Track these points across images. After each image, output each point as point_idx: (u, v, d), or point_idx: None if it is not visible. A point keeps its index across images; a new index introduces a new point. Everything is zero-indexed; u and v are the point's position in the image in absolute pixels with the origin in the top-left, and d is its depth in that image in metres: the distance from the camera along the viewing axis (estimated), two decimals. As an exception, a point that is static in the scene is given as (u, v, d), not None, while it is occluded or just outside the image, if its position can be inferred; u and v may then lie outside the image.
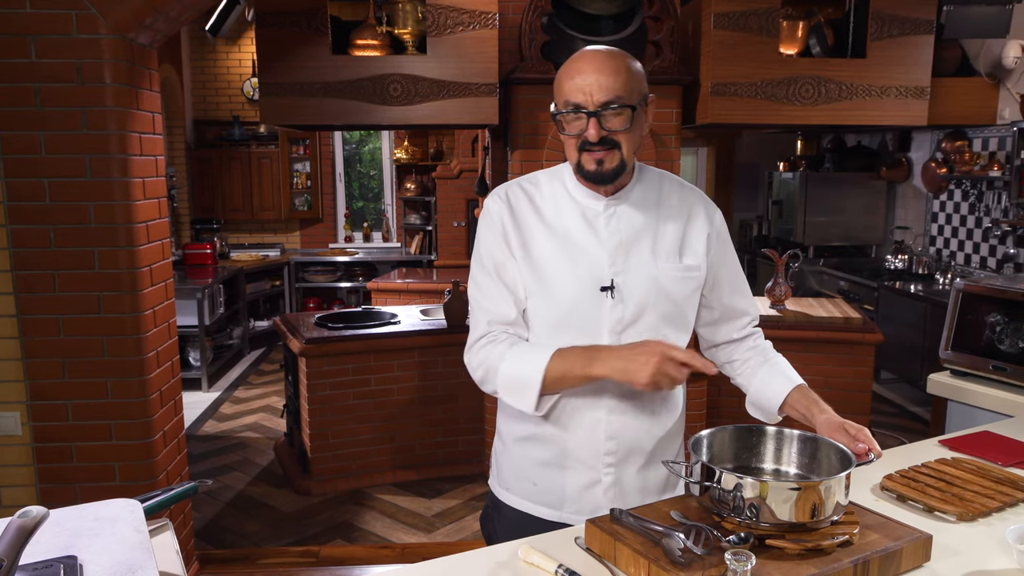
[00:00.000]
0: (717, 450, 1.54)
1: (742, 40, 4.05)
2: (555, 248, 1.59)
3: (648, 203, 1.63)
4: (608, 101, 1.47)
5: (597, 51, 1.53)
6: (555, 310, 1.59)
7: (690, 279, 1.62)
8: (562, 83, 1.53)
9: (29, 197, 2.56)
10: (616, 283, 1.57)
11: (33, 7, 2.46)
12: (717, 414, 4.51)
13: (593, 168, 1.53)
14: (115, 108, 2.55)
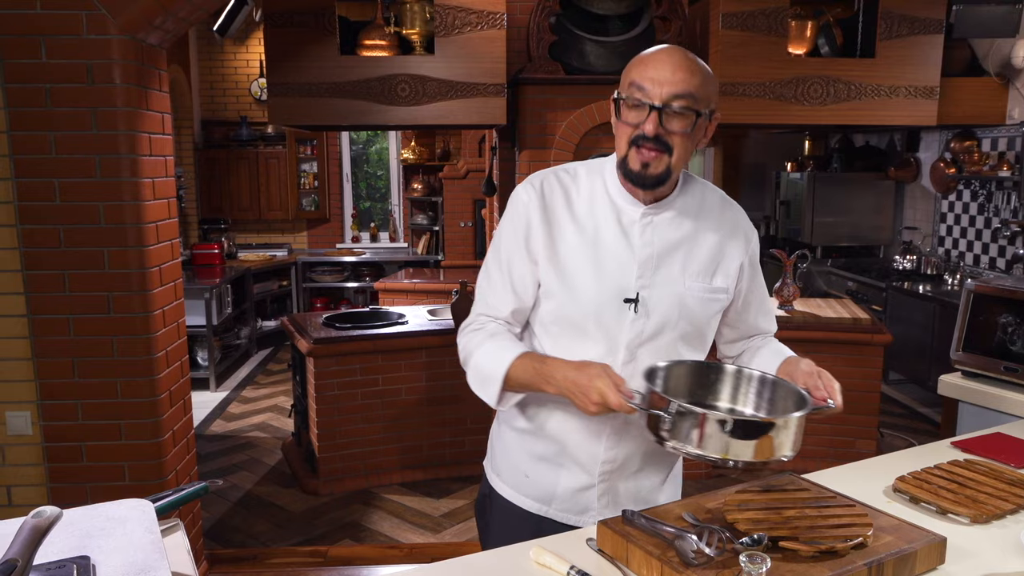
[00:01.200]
0: (673, 383, 1.50)
1: (750, 40, 4.05)
2: (583, 250, 1.54)
3: (687, 217, 1.57)
4: (676, 96, 1.40)
5: (678, 48, 1.47)
6: (575, 314, 1.54)
7: (716, 300, 1.57)
8: (633, 68, 1.46)
9: (39, 197, 2.57)
10: (641, 296, 1.52)
11: (43, 8, 2.47)
12: (725, 415, 4.50)
13: (638, 168, 1.46)
14: (125, 108, 2.56)
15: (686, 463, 1.92)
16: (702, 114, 1.43)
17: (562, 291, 1.54)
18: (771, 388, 1.50)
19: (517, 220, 1.57)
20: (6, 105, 2.51)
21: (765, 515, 1.36)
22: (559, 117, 4.06)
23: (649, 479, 1.65)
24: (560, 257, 1.54)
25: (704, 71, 1.44)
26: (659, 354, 1.54)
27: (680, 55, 1.43)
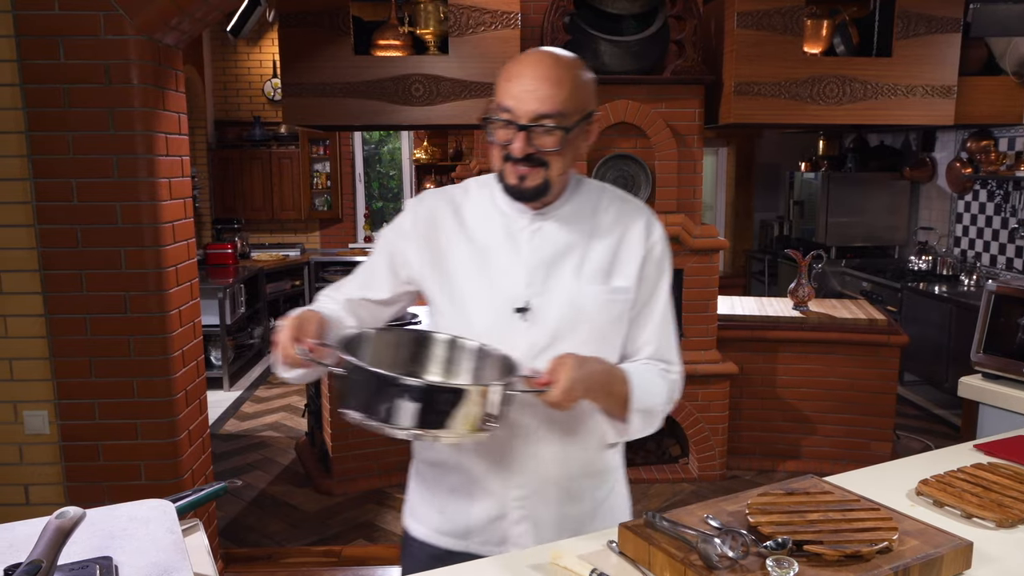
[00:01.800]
0: (379, 353, 1.41)
1: (766, 39, 4.02)
2: (473, 264, 1.48)
3: (580, 219, 1.48)
4: (541, 116, 1.33)
5: (544, 56, 1.38)
6: (468, 330, 1.47)
7: (616, 303, 1.47)
8: (499, 83, 1.39)
9: (57, 197, 2.58)
10: (531, 305, 1.45)
11: (61, 8, 2.48)
12: (739, 415, 4.49)
13: (514, 183, 1.40)
14: (142, 109, 2.56)
15: (696, 474, 1.84)
16: (571, 128, 1.36)
17: (454, 309, 1.49)
18: (486, 360, 1.43)
19: (392, 239, 1.57)
20: (24, 106, 2.52)
21: (788, 518, 1.35)
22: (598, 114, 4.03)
23: (575, 506, 1.54)
24: (450, 274, 1.50)
25: (573, 80, 1.36)
26: None
27: (545, 67, 1.35)
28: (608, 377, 1.38)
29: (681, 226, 4.11)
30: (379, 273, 1.58)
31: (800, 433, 4.53)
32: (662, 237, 1.53)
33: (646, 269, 1.49)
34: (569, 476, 1.52)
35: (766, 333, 4.43)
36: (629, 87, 4.04)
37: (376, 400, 1.21)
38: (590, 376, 1.33)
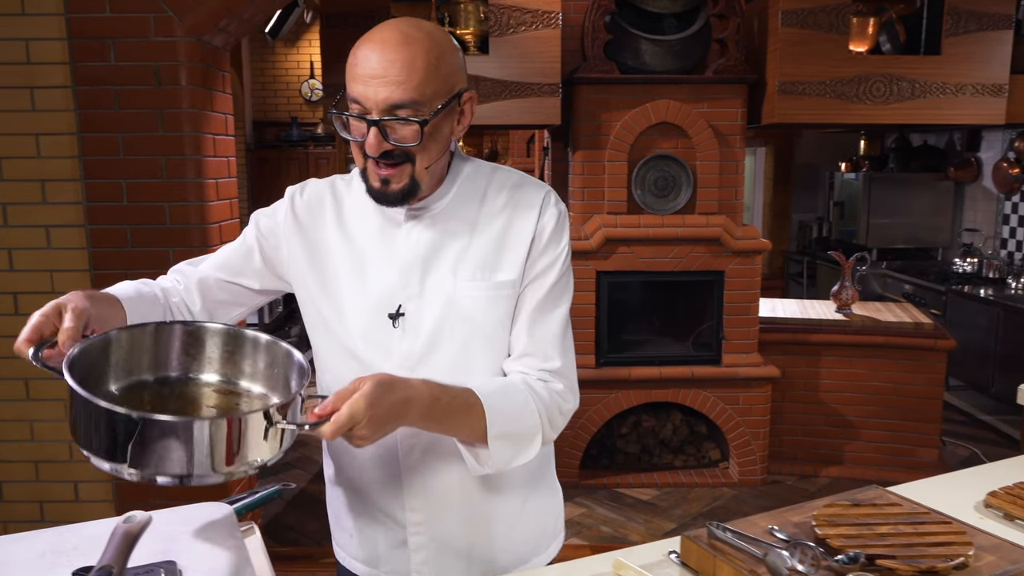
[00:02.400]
0: (136, 349, 1.13)
1: (810, 38, 3.95)
2: (348, 263, 1.31)
3: (464, 207, 1.30)
4: (394, 106, 1.13)
5: (391, 31, 1.15)
6: (343, 337, 1.30)
7: (500, 299, 1.28)
8: (347, 67, 1.18)
9: (107, 198, 2.60)
10: (405, 309, 1.27)
11: (112, 11, 2.50)
12: (781, 420, 4.42)
13: (377, 186, 1.20)
14: (190, 110, 2.58)
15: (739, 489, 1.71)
16: (429, 121, 1.15)
17: (330, 312, 1.32)
18: (276, 364, 1.18)
19: (266, 228, 1.38)
20: (76, 107, 2.55)
21: (858, 531, 1.31)
22: (614, 117, 4.01)
23: (482, 533, 1.37)
24: (326, 275, 1.32)
25: (427, 58, 1.14)
26: (446, 376, 1.22)
27: (392, 47, 1.13)
28: (428, 407, 1.14)
29: (723, 227, 4.05)
30: (250, 260, 1.39)
31: (843, 438, 4.46)
32: (556, 216, 1.31)
33: (532, 254, 1.29)
34: (469, 498, 1.34)
35: (808, 336, 4.36)
36: (670, 87, 4.00)
37: (89, 430, 0.95)
38: (390, 410, 1.09)
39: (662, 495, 4.19)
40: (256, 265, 1.39)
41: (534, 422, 1.25)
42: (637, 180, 4.06)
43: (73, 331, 1.05)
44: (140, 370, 1.12)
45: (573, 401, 1.32)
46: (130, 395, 1.08)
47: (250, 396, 1.17)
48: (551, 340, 1.30)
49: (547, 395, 1.27)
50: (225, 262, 1.40)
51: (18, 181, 2.60)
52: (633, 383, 4.14)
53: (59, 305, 1.09)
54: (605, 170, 4.06)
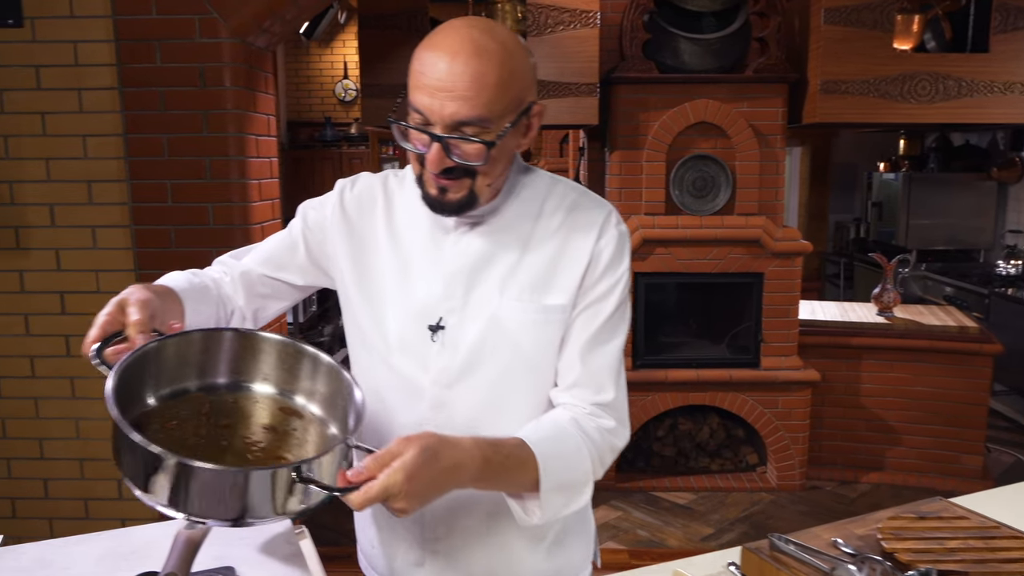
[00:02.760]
0: (182, 354, 1.07)
1: (853, 35, 3.88)
2: (393, 266, 1.25)
3: (519, 222, 1.22)
4: (462, 124, 1.06)
5: (464, 38, 1.06)
6: (382, 349, 1.24)
7: (548, 324, 1.19)
8: (411, 71, 1.10)
9: (152, 199, 2.62)
10: (446, 322, 1.20)
11: (159, 12, 2.51)
12: (820, 424, 4.35)
13: (434, 193, 1.14)
14: (234, 111, 2.59)
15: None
16: (496, 143, 1.09)
17: (370, 316, 1.25)
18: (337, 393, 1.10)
19: (314, 222, 1.32)
20: (123, 108, 2.57)
21: (926, 545, 1.27)
22: (652, 117, 3.97)
23: (505, 565, 1.28)
24: (371, 276, 1.26)
25: (501, 71, 1.06)
26: (483, 397, 1.19)
27: (465, 57, 1.05)
28: (479, 471, 1.04)
29: (762, 228, 4.00)
30: (294, 255, 1.34)
31: (884, 444, 4.38)
32: (616, 239, 1.22)
33: (588, 278, 1.20)
34: (495, 531, 1.25)
35: (849, 339, 4.29)
36: (709, 86, 3.95)
37: (126, 458, 0.91)
38: (433, 482, 0.99)
39: (699, 499, 4.14)
40: (300, 259, 1.34)
41: (586, 468, 1.17)
42: (675, 180, 4.02)
43: (141, 324, 1.02)
44: (188, 377, 1.08)
45: (624, 437, 1.24)
46: (173, 403, 1.05)
47: (305, 418, 1.11)
48: (606, 372, 1.22)
49: (598, 435, 1.19)
50: (269, 256, 1.35)
51: (65, 182, 2.63)
52: (670, 385, 4.10)
53: (122, 301, 1.06)
54: (643, 170, 4.02)
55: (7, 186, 2.64)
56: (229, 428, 1.03)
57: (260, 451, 1.01)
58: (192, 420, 1.01)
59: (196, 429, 1.00)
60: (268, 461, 0.99)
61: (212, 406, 1.05)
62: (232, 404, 1.07)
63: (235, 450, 1.00)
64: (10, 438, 2.79)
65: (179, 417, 1.00)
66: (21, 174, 2.63)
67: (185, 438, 0.98)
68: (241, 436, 1.03)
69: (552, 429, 1.16)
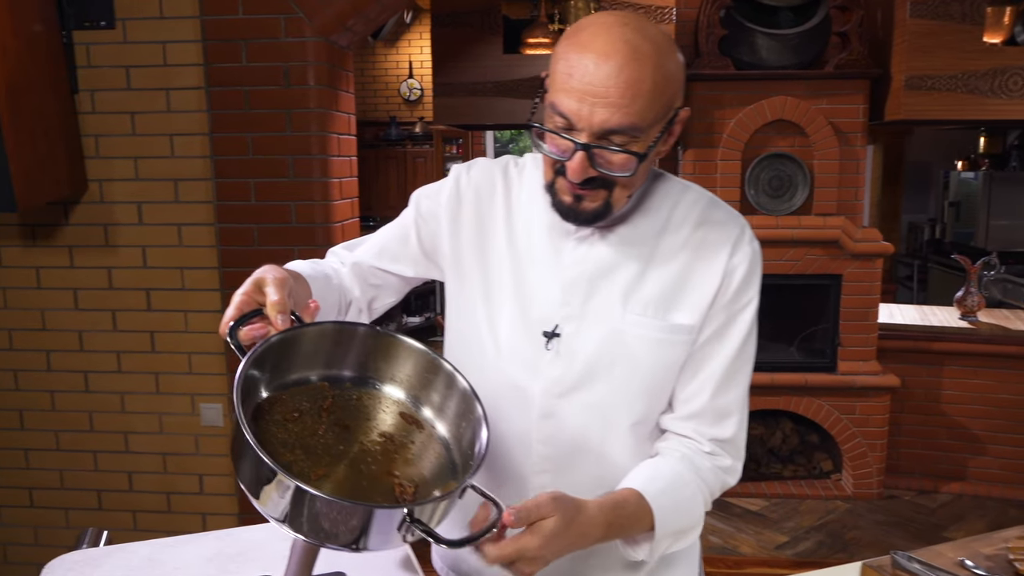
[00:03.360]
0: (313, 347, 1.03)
1: (941, 29, 3.74)
2: (509, 270, 1.18)
3: (645, 231, 1.15)
4: (611, 132, 0.99)
5: (616, 41, 0.98)
6: (491, 353, 1.18)
7: (673, 344, 1.13)
8: (556, 68, 1.02)
9: (236, 197, 2.65)
10: (562, 330, 1.14)
11: (245, 12, 2.54)
12: (898, 431, 4.21)
13: (568, 201, 1.08)
14: (317, 110, 2.60)
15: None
16: (647, 154, 1.02)
17: (484, 314, 1.19)
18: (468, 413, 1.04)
19: (428, 211, 1.26)
20: (209, 108, 2.60)
21: (1065, 566, 1.20)
22: (727, 115, 3.89)
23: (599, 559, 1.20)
24: (484, 273, 1.19)
25: (655, 76, 0.98)
26: (593, 412, 1.14)
27: (620, 60, 0.97)
28: (601, 538, 1.01)
29: (841, 229, 3.88)
30: (405, 245, 1.28)
31: (966, 453, 4.21)
32: (750, 256, 1.14)
33: (719, 299, 1.13)
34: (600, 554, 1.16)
35: (930, 344, 4.14)
36: (787, 83, 3.85)
37: (244, 464, 0.89)
38: (561, 548, 0.96)
39: (772, 506, 4.04)
40: (412, 250, 1.28)
41: (699, 514, 1.13)
42: (751, 179, 3.93)
43: (280, 304, 0.97)
44: (315, 366, 1.04)
45: (738, 474, 1.17)
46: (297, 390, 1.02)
47: (426, 431, 1.06)
48: (733, 405, 1.15)
49: (712, 476, 1.14)
50: (382, 249, 1.30)
51: (153, 180, 2.67)
52: (743, 389, 4.00)
53: (259, 280, 1.00)
54: (717, 169, 3.94)
55: (97, 185, 2.69)
56: (348, 430, 1.01)
57: (374, 463, 0.99)
58: (312, 414, 0.99)
59: (315, 427, 0.98)
60: (381, 477, 0.97)
61: (335, 401, 1.02)
62: (355, 402, 1.04)
63: (351, 459, 0.98)
64: (97, 432, 2.85)
65: (300, 409, 0.98)
66: (110, 173, 2.69)
67: (304, 436, 0.96)
68: (359, 442, 1.00)
69: (670, 477, 1.10)
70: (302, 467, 0.91)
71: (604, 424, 1.15)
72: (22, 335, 2.81)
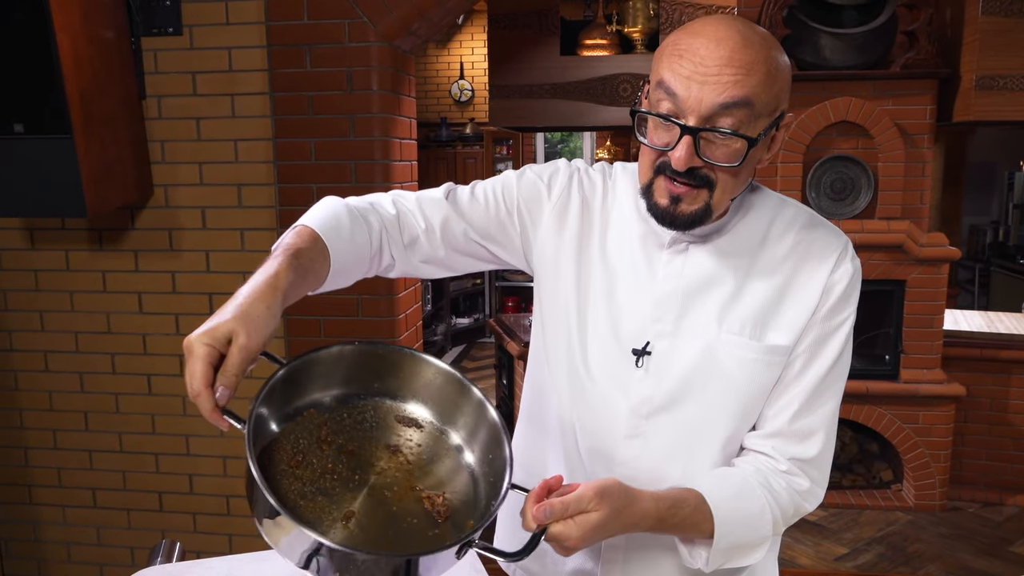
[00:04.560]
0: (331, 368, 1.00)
1: (1015, 27, 3.62)
2: (602, 282, 1.14)
3: (743, 245, 1.11)
4: (724, 107, 0.96)
5: (730, 27, 0.97)
6: (579, 367, 1.15)
7: (770, 365, 1.09)
8: (664, 55, 1.00)
9: (298, 202, 2.65)
10: (653, 348, 1.10)
11: (310, 18, 2.54)
12: (962, 442, 4.09)
13: (664, 204, 1.03)
14: (380, 115, 2.59)
15: None
16: (758, 140, 0.98)
17: (575, 328, 1.15)
18: (498, 445, 1.01)
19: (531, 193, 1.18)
20: (273, 113, 2.60)
21: None
22: (789, 116, 3.80)
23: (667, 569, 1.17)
24: (581, 284, 1.15)
25: (768, 65, 0.96)
26: (680, 433, 1.10)
27: (732, 44, 0.95)
28: (651, 528, 1.01)
29: (906, 233, 3.78)
30: (505, 228, 1.19)
31: (1035, 465, 4.08)
32: (850, 274, 1.10)
33: (816, 315, 1.09)
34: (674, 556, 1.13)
35: (997, 352, 4.02)
36: (852, 83, 3.76)
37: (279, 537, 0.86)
38: (603, 535, 0.97)
39: (830, 516, 3.95)
40: (512, 234, 1.19)
41: (765, 532, 1.08)
42: (812, 182, 3.84)
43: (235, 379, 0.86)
44: (303, 395, 0.99)
45: (817, 499, 1.13)
46: (292, 427, 0.96)
47: (423, 429, 1.04)
48: (818, 425, 1.10)
49: (787, 496, 1.09)
50: (481, 223, 1.19)
51: (217, 185, 2.69)
52: (802, 397, 3.92)
53: (230, 333, 0.87)
54: (778, 172, 3.86)
55: (162, 190, 2.72)
56: (355, 456, 0.97)
57: (394, 483, 0.96)
58: (315, 451, 0.95)
59: (323, 463, 0.94)
60: (405, 495, 0.95)
61: (329, 427, 0.97)
62: (348, 420, 1.00)
63: (371, 487, 0.95)
64: (159, 434, 2.88)
65: (302, 449, 0.94)
66: (175, 178, 2.71)
67: (317, 480, 0.92)
68: (370, 464, 0.97)
69: (738, 487, 1.07)
70: (331, 514, 0.90)
71: (691, 445, 1.12)
72: (88, 338, 2.85)
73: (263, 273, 0.93)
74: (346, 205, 1.11)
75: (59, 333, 2.87)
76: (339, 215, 1.08)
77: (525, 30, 3.82)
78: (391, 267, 1.18)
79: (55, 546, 3.03)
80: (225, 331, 0.86)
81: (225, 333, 0.86)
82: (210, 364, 0.85)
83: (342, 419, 1.00)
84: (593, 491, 0.94)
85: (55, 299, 2.85)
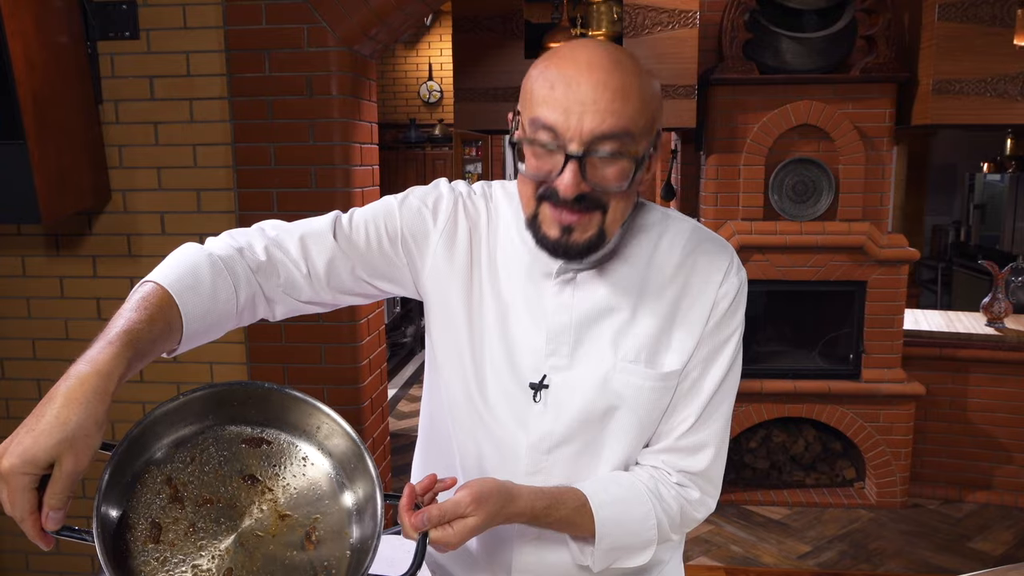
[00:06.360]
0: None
1: (970, 32, 3.69)
2: (494, 314, 1.11)
3: (630, 268, 1.09)
4: (604, 137, 0.94)
5: (599, 52, 0.96)
6: (477, 403, 1.12)
7: (666, 391, 1.09)
8: (535, 88, 0.97)
9: (258, 207, 2.64)
10: (550, 381, 1.08)
11: (269, 23, 2.53)
12: (923, 440, 4.16)
13: (555, 235, 1.00)
14: (340, 120, 2.59)
15: None
16: (644, 159, 0.98)
17: (470, 364, 1.12)
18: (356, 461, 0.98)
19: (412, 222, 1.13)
20: (232, 118, 2.59)
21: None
22: (751, 119, 3.85)
23: None
24: (471, 314, 1.12)
25: (642, 88, 0.96)
26: (581, 465, 1.10)
27: (604, 70, 0.94)
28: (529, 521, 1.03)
29: (867, 235, 3.84)
30: (392, 263, 1.14)
31: (992, 462, 4.16)
32: (737, 287, 1.10)
33: (703, 333, 1.09)
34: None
35: (956, 351, 4.09)
36: (812, 87, 3.81)
37: None
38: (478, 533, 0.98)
39: (794, 515, 4.01)
40: (399, 265, 1.14)
41: (649, 537, 1.09)
42: (774, 185, 3.89)
43: (64, 502, 0.80)
44: (138, 459, 0.92)
45: (708, 508, 1.14)
46: (137, 504, 0.89)
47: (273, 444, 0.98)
48: (708, 439, 1.10)
49: (675, 505, 1.10)
50: (367, 259, 1.14)
51: (176, 190, 2.67)
52: (765, 396, 3.97)
53: (51, 459, 0.79)
54: (740, 174, 3.90)
55: (120, 195, 2.69)
56: (213, 503, 0.91)
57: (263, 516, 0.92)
58: (171, 514, 0.88)
59: (187, 524, 0.88)
60: (275, 526, 0.92)
61: (176, 481, 0.90)
62: (191, 465, 0.93)
63: (241, 533, 0.90)
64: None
65: (154, 521, 0.87)
66: (134, 183, 2.69)
67: (185, 545, 0.87)
68: (231, 507, 0.91)
69: (626, 490, 1.08)
70: None
71: (592, 471, 1.12)
72: (45, 345, 2.82)
73: (92, 369, 0.84)
74: (208, 256, 1.04)
75: (16, 339, 2.83)
76: (198, 270, 1.01)
77: (490, 33, 3.82)
78: (269, 315, 1.15)
79: (13, 555, 2.99)
80: (46, 458, 0.78)
81: (46, 460, 0.78)
82: (32, 491, 0.79)
83: (185, 465, 0.92)
84: (470, 496, 0.96)
85: (11, 305, 2.81)
